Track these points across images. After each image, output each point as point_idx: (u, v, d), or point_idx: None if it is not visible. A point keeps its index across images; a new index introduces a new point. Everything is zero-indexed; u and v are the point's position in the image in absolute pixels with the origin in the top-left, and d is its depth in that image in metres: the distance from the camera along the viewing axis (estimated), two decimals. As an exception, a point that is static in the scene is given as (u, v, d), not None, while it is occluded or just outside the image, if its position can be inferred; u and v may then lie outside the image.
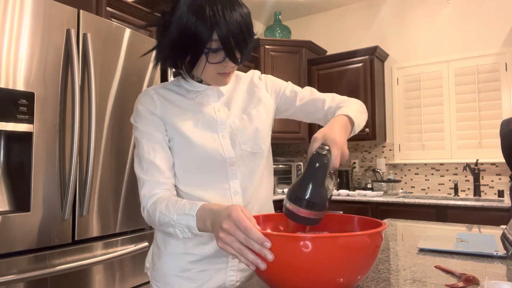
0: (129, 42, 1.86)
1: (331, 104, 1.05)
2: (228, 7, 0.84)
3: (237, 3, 0.87)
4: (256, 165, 1.00)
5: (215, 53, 0.88)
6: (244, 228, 0.68)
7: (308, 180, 0.76)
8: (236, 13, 0.85)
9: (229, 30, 0.84)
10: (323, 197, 0.76)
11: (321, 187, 0.76)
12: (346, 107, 0.97)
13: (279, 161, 3.99)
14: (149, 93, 0.99)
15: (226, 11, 0.84)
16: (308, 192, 0.75)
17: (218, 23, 0.83)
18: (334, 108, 1.04)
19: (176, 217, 0.83)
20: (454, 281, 0.83)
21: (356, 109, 0.97)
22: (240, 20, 0.85)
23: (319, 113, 1.08)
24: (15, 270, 1.36)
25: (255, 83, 1.08)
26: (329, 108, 1.06)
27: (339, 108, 0.99)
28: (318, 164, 0.76)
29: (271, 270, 0.68)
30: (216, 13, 0.83)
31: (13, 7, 1.43)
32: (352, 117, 0.93)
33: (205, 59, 0.89)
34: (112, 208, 1.75)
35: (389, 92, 3.80)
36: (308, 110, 1.09)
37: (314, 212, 0.76)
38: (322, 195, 0.76)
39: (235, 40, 0.85)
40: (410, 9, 3.73)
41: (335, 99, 1.07)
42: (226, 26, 0.83)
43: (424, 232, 1.45)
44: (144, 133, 0.96)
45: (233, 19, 0.84)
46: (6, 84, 1.39)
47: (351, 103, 1.01)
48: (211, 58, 0.89)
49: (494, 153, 3.26)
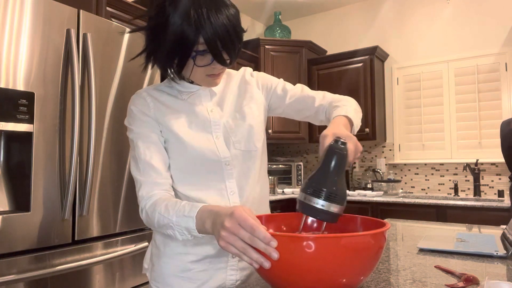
0: (129, 42, 1.86)
1: (322, 102, 1.05)
2: (214, 9, 0.84)
3: (223, 4, 0.86)
4: (251, 163, 1.01)
5: (203, 55, 0.88)
6: (250, 226, 0.68)
7: (327, 171, 0.70)
8: (222, 15, 0.84)
9: (215, 32, 0.83)
10: (342, 190, 0.71)
11: (341, 179, 0.71)
12: (343, 107, 0.96)
13: (279, 161, 3.99)
14: (141, 95, 0.99)
15: (211, 14, 0.83)
16: (327, 183, 0.69)
17: (204, 26, 0.82)
18: (327, 106, 1.04)
19: (175, 219, 0.83)
20: (454, 281, 0.83)
21: (353, 109, 0.97)
22: (226, 22, 0.84)
23: (308, 111, 1.08)
24: (15, 270, 1.36)
25: (247, 80, 1.08)
26: (320, 106, 1.05)
27: (336, 107, 0.98)
28: (337, 154, 0.71)
29: (274, 269, 0.68)
30: (201, 15, 0.82)
31: (13, 7, 1.43)
32: (351, 118, 0.93)
33: (192, 62, 0.89)
34: (112, 208, 1.75)
35: (389, 92, 3.80)
36: (298, 107, 1.09)
37: (335, 205, 0.70)
38: (342, 188, 0.71)
39: (222, 42, 0.85)
40: (410, 9, 3.73)
41: (326, 97, 1.06)
42: (211, 28, 0.83)
43: (424, 232, 1.45)
44: (139, 135, 0.96)
45: (218, 21, 0.83)
46: (6, 84, 1.39)
47: (347, 103, 1.00)
48: (198, 61, 0.89)
49: (494, 153, 3.26)
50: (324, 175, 0.70)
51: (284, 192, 3.64)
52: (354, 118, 0.94)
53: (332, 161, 0.71)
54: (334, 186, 0.70)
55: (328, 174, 0.70)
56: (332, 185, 0.70)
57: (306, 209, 0.72)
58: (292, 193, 3.63)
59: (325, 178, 0.70)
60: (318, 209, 0.71)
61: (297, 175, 3.87)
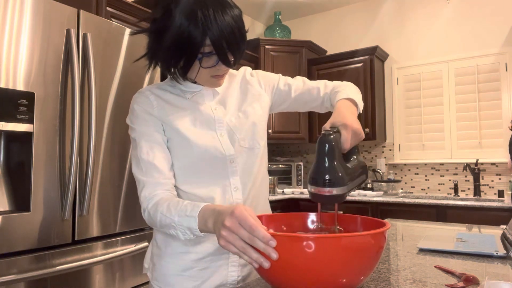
0: (129, 42, 1.86)
1: (326, 91, 1.10)
2: (220, 10, 0.84)
3: (228, 5, 0.87)
4: (254, 160, 1.02)
5: (208, 57, 0.88)
6: (249, 226, 0.68)
7: (319, 160, 0.78)
8: (227, 16, 0.85)
9: (221, 34, 0.84)
10: (338, 172, 0.78)
11: (333, 164, 0.77)
12: (343, 91, 1.01)
13: (279, 161, 3.99)
14: (144, 93, 0.99)
15: (218, 15, 0.84)
16: (322, 171, 0.77)
17: (210, 27, 0.83)
18: (330, 94, 1.08)
19: (177, 219, 0.83)
20: (454, 281, 0.83)
21: (353, 91, 1.02)
22: (232, 23, 0.85)
23: (315, 101, 1.12)
24: (15, 270, 1.36)
25: (247, 80, 1.08)
26: (324, 94, 1.10)
27: (336, 93, 1.03)
28: (324, 143, 0.78)
29: (274, 269, 0.68)
30: (208, 17, 0.83)
31: (13, 7, 1.43)
32: (353, 98, 0.97)
33: (198, 64, 0.89)
34: (112, 208, 1.75)
35: (389, 92, 3.80)
36: (304, 100, 1.12)
37: (336, 189, 0.77)
38: (337, 170, 0.77)
39: (228, 43, 0.85)
40: (410, 9, 3.73)
41: (328, 85, 1.11)
42: (218, 30, 0.83)
43: (424, 232, 1.45)
44: (142, 134, 0.95)
45: (225, 22, 0.84)
46: (6, 84, 1.39)
47: (346, 87, 1.04)
48: (204, 63, 0.89)
49: (494, 153, 3.26)
50: (317, 164, 0.78)
51: (284, 192, 3.64)
52: (356, 97, 0.99)
53: (322, 149, 0.78)
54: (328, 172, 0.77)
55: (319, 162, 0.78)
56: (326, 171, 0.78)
57: (315, 197, 0.80)
58: (292, 193, 3.62)
59: (318, 167, 0.78)
60: (323, 196, 0.78)
61: (297, 175, 3.87)
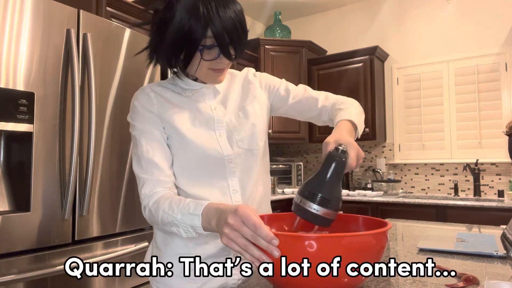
0: (129, 42, 1.86)
1: (325, 103, 1.06)
2: (222, 4, 0.85)
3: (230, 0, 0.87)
4: (253, 162, 1.01)
5: (210, 50, 0.88)
6: (253, 224, 0.68)
7: (325, 177, 0.73)
8: (229, 9, 0.86)
9: (223, 26, 0.84)
10: (337, 197, 0.74)
11: (337, 186, 0.74)
12: (346, 110, 0.96)
13: (279, 161, 3.99)
14: (145, 90, 0.99)
15: (220, 8, 0.84)
16: (324, 188, 0.72)
17: (212, 20, 0.84)
18: (331, 108, 1.04)
19: (180, 217, 0.83)
20: (454, 281, 0.83)
21: (356, 113, 0.97)
22: (234, 16, 0.86)
23: (312, 112, 1.08)
24: (15, 270, 1.36)
25: (249, 80, 1.08)
26: (323, 107, 1.06)
27: (339, 110, 0.98)
28: (336, 161, 0.73)
29: (275, 269, 0.68)
30: (210, 10, 0.84)
31: (13, 7, 1.43)
32: (355, 122, 0.93)
33: (199, 56, 0.89)
34: (112, 208, 1.75)
35: (389, 92, 3.80)
36: (301, 108, 1.09)
37: (328, 211, 0.72)
38: (337, 194, 0.74)
39: (229, 36, 0.86)
40: (410, 9, 3.73)
41: (329, 98, 1.07)
42: (220, 22, 0.84)
43: (424, 232, 1.45)
44: (142, 131, 0.95)
45: (227, 15, 0.85)
46: (6, 84, 1.39)
47: (350, 106, 0.99)
48: (205, 55, 0.89)
49: (494, 153, 3.26)
50: (321, 180, 0.73)
51: (284, 192, 3.64)
52: (358, 121, 0.95)
53: (331, 167, 0.73)
54: (330, 192, 0.73)
55: (325, 180, 0.73)
56: (328, 191, 0.73)
57: (301, 211, 0.75)
58: (292, 193, 3.62)
59: (322, 184, 0.73)
60: (311, 213, 0.73)
61: (297, 175, 3.87)
